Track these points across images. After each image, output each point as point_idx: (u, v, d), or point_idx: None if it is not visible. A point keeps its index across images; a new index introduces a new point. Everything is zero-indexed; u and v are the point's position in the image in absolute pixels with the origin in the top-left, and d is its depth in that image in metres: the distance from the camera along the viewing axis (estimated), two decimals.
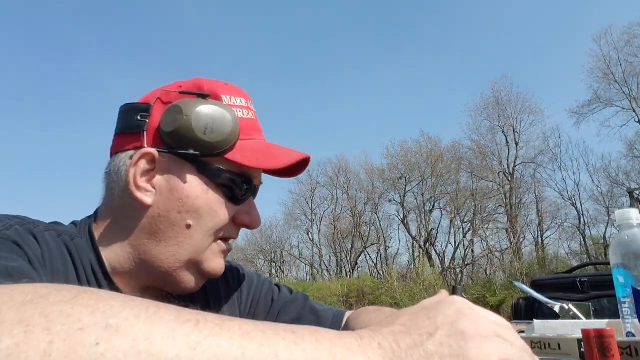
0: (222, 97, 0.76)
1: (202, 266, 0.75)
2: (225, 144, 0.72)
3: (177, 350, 0.31)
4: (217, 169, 0.73)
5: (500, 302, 18.42)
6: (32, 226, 0.66)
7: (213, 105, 0.73)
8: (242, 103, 0.78)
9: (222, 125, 0.71)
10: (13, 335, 0.29)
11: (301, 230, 34.98)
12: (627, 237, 0.84)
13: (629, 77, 24.25)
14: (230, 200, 0.75)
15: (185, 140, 0.71)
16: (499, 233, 26.47)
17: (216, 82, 0.78)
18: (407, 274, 24.07)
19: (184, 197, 0.72)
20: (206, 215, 0.73)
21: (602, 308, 1.53)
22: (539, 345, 0.76)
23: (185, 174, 0.72)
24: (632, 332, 0.81)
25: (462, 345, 0.37)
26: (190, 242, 0.72)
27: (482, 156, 28.01)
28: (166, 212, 0.72)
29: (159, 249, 0.72)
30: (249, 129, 0.77)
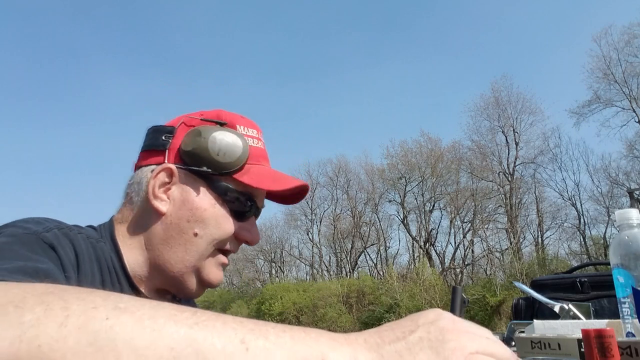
0: (237, 127, 0.86)
1: (202, 274, 0.83)
2: (234, 165, 0.82)
3: (177, 327, 0.35)
4: (226, 186, 0.83)
5: (500, 302, 18.42)
6: (68, 230, 0.73)
7: (228, 132, 0.83)
8: (254, 134, 0.89)
9: (233, 149, 0.82)
10: (34, 312, 0.34)
11: (301, 230, 35.00)
12: (627, 237, 0.84)
13: (629, 77, 24.26)
14: (234, 216, 0.84)
15: (200, 159, 0.81)
16: (499, 233, 26.49)
17: (234, 114, 0.90)
18: (407, 274, 24.06)
19: (194, 208, 0.81)
20: (212, 226, 0.82)
21: (602, 308, 1.53)
22: (539, 345, 0.76)
23: (197, 189, 0.82)
24: (632, 332, 0.81)
25: (440, 337, 0.40)
26: (196, 249, 0.81)
27: (482, 156, 28.02)
28: (177, 220, 0.81)
29: (170, 254, 0.81)
30: (257, 156, 0.87)
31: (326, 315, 23.07)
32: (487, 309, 18.89)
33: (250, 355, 0.35)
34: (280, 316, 25.28)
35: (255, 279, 36.33)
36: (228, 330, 0.36)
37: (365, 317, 21.50)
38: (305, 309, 24.71)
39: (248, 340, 0.35)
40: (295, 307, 25.17)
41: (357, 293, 24.01)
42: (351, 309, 23.27)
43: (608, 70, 24.76)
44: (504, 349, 0.43)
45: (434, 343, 0.40)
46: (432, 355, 0.39)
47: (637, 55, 23.95)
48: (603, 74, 24.88)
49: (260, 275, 36.80)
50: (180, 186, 0.83)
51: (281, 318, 25.06)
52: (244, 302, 29.62)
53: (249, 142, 0.86)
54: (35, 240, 0.66)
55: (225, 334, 0.35)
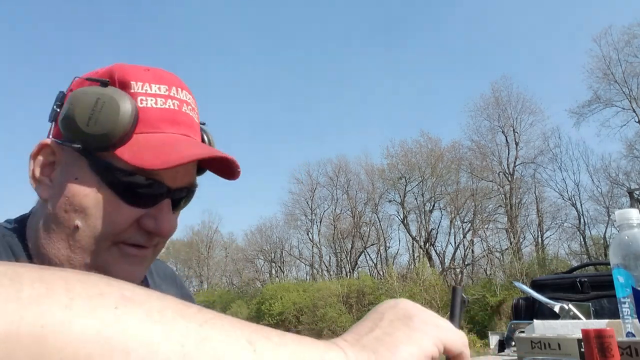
0: (130, 84, 0.67)
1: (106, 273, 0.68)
2: (111, 137, 0.63)
3: (187, 323, 0.33)
4: (108, 165, 0.65)
5: (500, 302, 18.44)
6: None
7: (107, 92, 0.64)
8: (161, 91, 0.68)
9: (109, 115, 0.62)
10: (34, 288, 0.30)
11: (301, 230, 34.98)
12: (627, 237, 0.84)
13: (629, 77, 24.27)
14: (128, 202, 0.66)
15: (71, 132, 0.64)
16: (499, 233, 26.50)
17: (135, 67, 0.70)
18: (407, 274, 24.07)
19: (72, 194, 0.64)
20: (94, 216, 0.64)
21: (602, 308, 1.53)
22: (539, 345, 0.76)
23: (77, 169, 0.66)
24: (632, 332, 0.81)
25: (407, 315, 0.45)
26: (80, 245, 0.65)
27: (482, 156, 28.03)
28: (55, 210, 0.65)
29: (54, 250, 0.66)
30: (156, 121, 0.67)
31: (326, 315, 23.07)
32: (487, 309, 18.90)
33: (257, 355, 0.34)
34: (280, 316, 25.28)
35: (255, 279, 36.33)
36: (235, 330, 0.35)
37: None
38: (305, 309, 24.70)
39: (254, 341, 0.35)
40: (295, 307, 25.17)
41: (357, 293, 24.00)
42: (351, 309, 23.26)
43: (608, 70, 24.78)
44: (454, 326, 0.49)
45: (403, 320, 0.44)
46: (406, 329, 0.43)
47: (637, 55, 23.96)
48: (603, 74, 24.91)
49: (260, 275, 36.81)
50: (62, 166, 0.67)
51: (281, 318, 25.07)
52: (244, 302, 29.61)
53: (148, 102, 0.67)
54: None
55: (233, 333, 0.35)
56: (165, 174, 0.67)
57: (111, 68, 0.69)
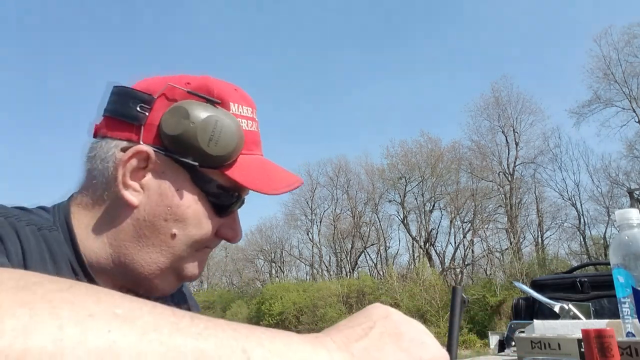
0: (230, 105, 0.72)
1: (181, 272, 0.74)
2: (227, 158, 0.69)
3: (183, 339, 0.33)
4: (213, 181, 0.70)
5: (500, 302, 18.43)
6: (14, 219, 0.63)
7: (222, 115, 0.69)
8: (248, 113, 0.75)
9: (227, 138, 0.68)
10: (17, 317, 0.27)
11: (301, 230, 34.94)
12: (627, 237, 0.84)
13: (629, 77, 24.27)
14: (216, 212, 0.72)
15: (186, 147, 0.67)
16: (499, 233, 26.49)
17: (226, 85, 0.74)
18: (407, 274, 24.06)
19: (173, 205, 0.68)
20: (192, 226, 0.70)
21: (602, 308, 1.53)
22: (539, 345, 0.76)
23: (178, 181, 0.69)
24: (632, 332, 0.81)
25: (397, 331, 0.44)
26: (172, 251, 0.70)
27: (482, 156, 28.01)
28: (152, 218, 0.68)
29: (141, 254, 0.69)
30: (250, 143, 0.74)
31: (326, 315, 23.06)
32: (487, 309, 18.89)
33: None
34: (280, 316, 25.28)
35: (255, 279, 36.32)
36: (230, 339, 0.35)
37: None
38: (305, 309, 24.70)
39: (249, 350, 0.35)
40: (295, 307, 25.16)
41: (357, 293, 23.99)
42: (351, 309, 23.24)
43: (608, 70, 24.78)
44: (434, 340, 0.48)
45: (393, 337, 0.44)
46: (395, 347, 0.43)
47: (637, 55, 23.95)
48: (603, 74, 24.90)
49: (260, 275, 36.80)
50: (158, 175, 0.69)
51: (281, 318, 25.06)
52: (244, 302, 29.59)
53: (243, 124, 0.72)
54: None
55: (228, 343, 0.35)
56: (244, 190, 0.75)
57: (207, 82, 0.72)
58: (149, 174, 0.69)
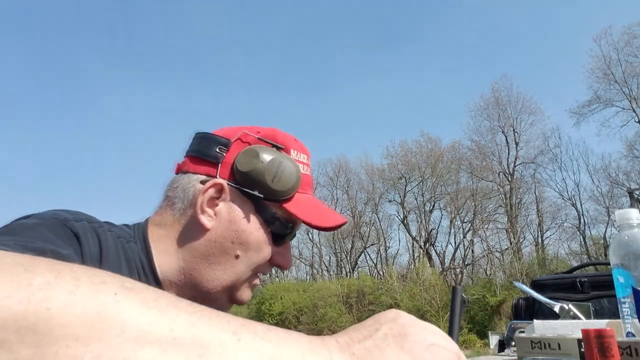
0: (291, 152, 0.86)
1: (235, 294, 0.84)
2: (287, 194, 0.82)
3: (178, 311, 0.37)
4: (274, 213, 0.83)
5: (500, 302, 18.43)
6: (97, 225, 0.73)
7: (285, 158, 0.82)
8: (304, 160, 0.88)
9: (288, 177, 0.81)
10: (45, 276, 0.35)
11: (301, 230, 34.71)
12: (627, 237, 0.84)
13: (629, 77, 24.29)
14: (274, 241, 0.84)
15: (254, 182, 0.80)
16: (499, 233, 26.51)
17: (289, 136, 0.89)
18: (407, 274, 24.07)
19: (240, 230, 0.81)
20: (253, 250, 0.82)
21: (602, 308, 1.53)
22: (539, 345, 0.76)
23: (245, 210, 0.82)
24: (632, 332, 0.81)
25: (402, 333, 0.45)
26: (234, 271, 0.81)
27: (482, 156, 28.04)
28: (221, 239, 0.80)
29: (208, 270, 0.80)
30: (305, 184, 0.87)
31: (326, 315, 23.06)
32: (487, 309, 18.89)
33: (241, 345, 0.37)
34: (280, 316, 25.28)
35: None
36: (222, 322, 0.39)
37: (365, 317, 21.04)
38: (305, 309, 24.70)
39: (239, 332, 0.38)
40: (295, 307, 25.16)
41: (357, 293, 23.99)
42: (351, 309, 23.26)
43: (608, 70, 24.80)
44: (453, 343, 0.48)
45: (397, 338, 0.44)
46: (397, 349, 0.43)
47: (637, 55, 23.97)
48: (603, 74, 24.92)
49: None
50: (229, 204, 0.82)
51: (281, 318, 25.06)
52: None
53: (301, 169, 0.85)
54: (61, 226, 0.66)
55: (220, 324, 0.38)
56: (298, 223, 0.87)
57: (274, 132, 0.87)
58: (222, 203, 0.81)
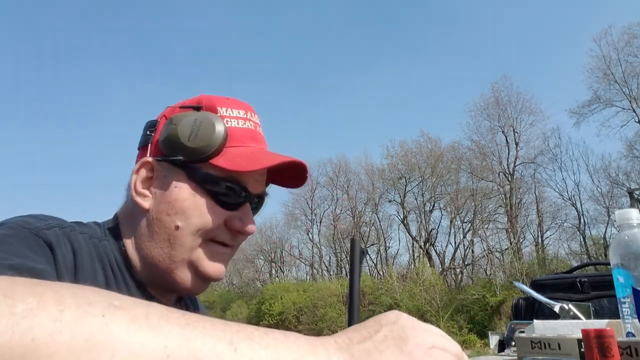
0: (217, 109, 0.81)
1: (197, 267, 0.79)
2: (208, 149, 0.76)
3: (170, 326, 0.36)
4: (205, 173, 0.77)
5: (500, 302, 18.43)
6: (69, 230, 0.72)
7: (202, 115, 0.78)
8: (240, 114, 0.82)
9: (206, 131, 0.76)
10: (27, 303, 0.34)
11: (301, 230, 34.92)
12: (627, 237, 0.84)
13: (629, 77, 24.28)
14: (220, 204, 0.78)
15: (173, 147, 0.77)
16: (499, 233, 26.50)
17: (218, 97, 0.84)
18: (407, 274, 24.07)
19: (172, 200, 0.77)
20: (193, 216, 0.76)
21: (602, 308, 1.53)
22: (539, 345, 0.76)
23: (176, 179, 0.78)
24: (632, 332, 0.81)
25: (402, 335, 0.45)
26: (180, 242, 0.77)
27: (482, 156, 28.02)
28: (159, 214, 0.77)
29: (157, 250, 0.77)
30: (241, 137, 0.80)
31: (326, 315, 23.06)
32: (487, 309, 18.89)
33: (238, 355, 0.37)
34: (280, 316, 25.28)
35: (255, 279, 36.34)
36: (217, 331, 0.38)
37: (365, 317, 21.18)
38: (305, 309, 24.70)
39: (236, 341, 0.38)
40: (295, 307, 25.16)
41: None
42: None
43: (608, 70, 24.79)
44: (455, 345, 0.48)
45: (397, 341, 0.44)
46: (397, 351, 0.43)
47: (637, 55, 23.96)
48: (603, 74, 24.91)
49: (260, 275, 36.82)
50: (161, 179, 0.79)
51: (281, 318, 25.06)
52: (244, 302, 29.61)
53: (232, 123, 0.80)
54: (33, 236, 0.65)
55: (215, 334, 0.38)
56: (249, 181, 0.80)
57: (199, 98, 0.83)
58: (156, 181, 0.79)
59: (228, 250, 0.82)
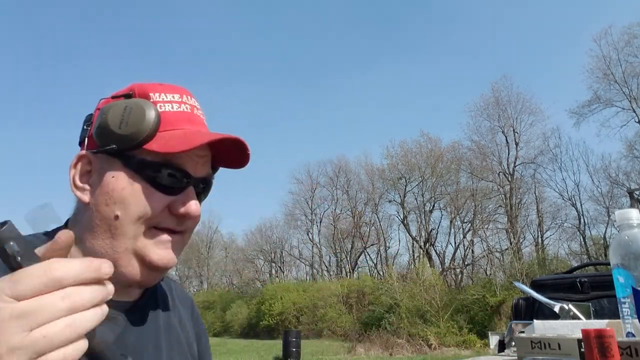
0: (149, 95, 0.79)
1: (143, 257, 0.76)
2: (140, 135, 0.74)
3: None
4: (141, 159, 0.76)
5: (500, 302, 18.42)
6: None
7: (132, 102, 0.76)
8: (175, 98, 0.81)
9: (136, 117, 0.74)
10: None
11: (301, 230, 34.94)
12: (627, 238, 0.84)
13: (629, 77, 24.27)
14: (160, 190, 0.76)
15: (105, 137, 0.75)
16: (499, 233, 26.46)
17: (151, 83, 0.82)
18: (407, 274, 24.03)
19: (110, 190, 0.75)
20: (132, 204, 0.75)
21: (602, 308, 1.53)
22: (539, 345, 0.76)
23: (112, 169, 0.76)
24: (632, 332, 0.81)
25: None
26: (121, 231, 0.75)
27: (482, 156, 28.00)
28: (98, 206, 0.76)
29: (99, 242, 0.75)
30: (176, 121, 0.79)
31: (326, 316, 23.05)
32: (487, 309, 18.88)
33: None
34: (280, 316, 25.26)
35: (255, 279, 36.32)
36: None
37: (365, 317, 21.47)
38: (305, 309, 24.68)
39: None
40: (295, 307, 25.14)
41: (357, 293, 23.97)
42: (351, 309, 23.23)
43: (608, 70, 24.77)
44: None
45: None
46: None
47: (637, 55, 23.95)
48: (603, 74, 24.90)
49: (260, 275, 36.81)
50: (98, 171, 0.77)
51: (281, 318, 25.05)
52: (244, 302, 29.55)
53: (165, 107, 0.79)
54: None
55: None
56: (188, 164, 0.78)
57: (131, 86, 0.81)
58: (94, 174, 0.78)
59: (177, 237, 0.79)
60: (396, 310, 19.48)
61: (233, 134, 0.80)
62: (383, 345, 17.36)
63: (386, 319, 19.22)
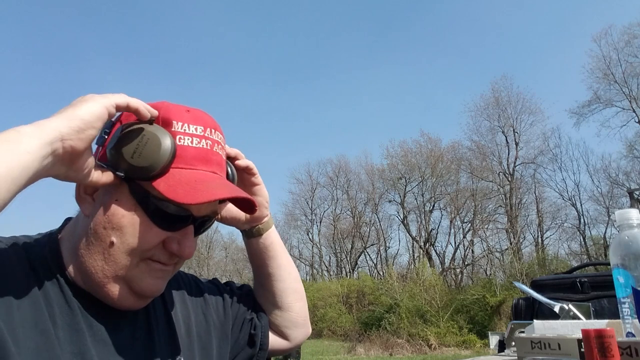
0: (172, 123, 0.76)
1: (132, 285, 0.75)
2: (151, 170, 0.72)
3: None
4: (145, 193, 0.73)
5: (500, 302, 18.41)
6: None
7: (152, 130, 0.73)
8: (197, 132, 0.77)
9: (150, 151, 0.71)
10: None
11: (301, 230, 34.93)
12: (627, 238, 0.84)
13: (629, 77, 24.26)
14: (160, 225, 0.74)
15: (117, 162, 0.72)
16: (499, 233, 26.46)
17: (179, 107, 0.79)
18: (407, 274, 24.03)
19: (111, 214, 0.73)
20: (129, 234, 0.73)
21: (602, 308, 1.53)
22: (539, 345, 0.76)
23: (118, 192, 0.74)
24: (632, 332, 0.81)
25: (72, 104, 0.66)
26: (113, 259, 0.73)
27: (482, 156, 28.01)
28: (96, 226, 0.74)
29: (91, 261, 0.74)
30: (191, 159, 0.76)
31: (326, 315, 23.05)
32: (487, 309, 18.87)
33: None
34: None
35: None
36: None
37: (365, 317, 21.47)
38: None
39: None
40: None
41: (357, 293, 23.98)
42: (351, 309, 23.24)
43: (608, 70, 24.77)
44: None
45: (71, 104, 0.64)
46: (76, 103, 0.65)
47: (637, 55, 23.95)
48: (603, 74, 24.89)
49: None
50: (105, 189, 0.75)
51: None
52: None
53: (184, 141, 0.75)
54: None
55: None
56: (194, 207, 0.76)
57: (159, 104, 0.78)
58: (101, 189, 0.75)
59: (166, 268, 0.78)
60: (396, 310, 19.46)
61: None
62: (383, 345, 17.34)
63: (386, 319, 19.20)
